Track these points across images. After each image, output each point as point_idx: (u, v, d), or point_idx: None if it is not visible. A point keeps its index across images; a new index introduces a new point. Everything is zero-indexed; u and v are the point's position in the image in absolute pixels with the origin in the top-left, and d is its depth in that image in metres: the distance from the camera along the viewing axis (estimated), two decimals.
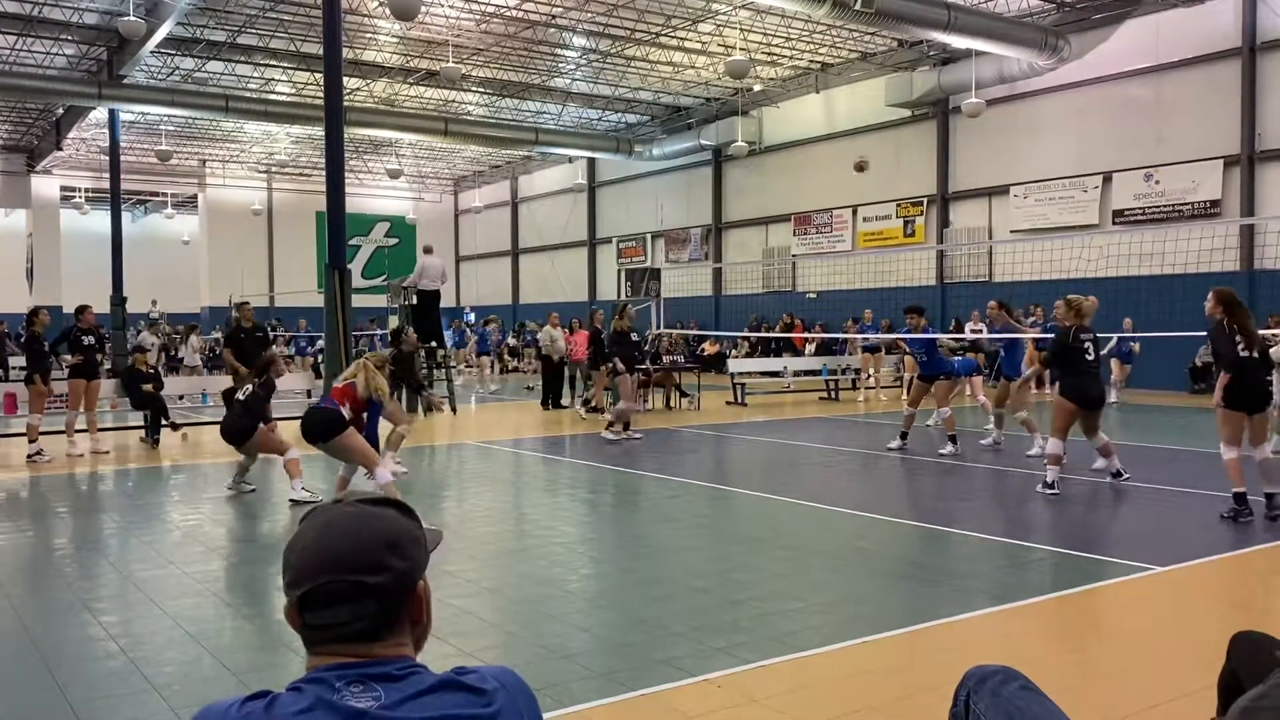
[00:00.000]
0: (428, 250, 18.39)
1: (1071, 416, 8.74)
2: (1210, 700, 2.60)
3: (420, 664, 1.34)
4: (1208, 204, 19.50)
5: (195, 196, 40.71)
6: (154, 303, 35.71)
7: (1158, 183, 20.29)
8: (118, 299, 27.46)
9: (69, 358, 12.50)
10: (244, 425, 9.06)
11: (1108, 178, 21.09)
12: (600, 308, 15.63)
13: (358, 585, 1.29)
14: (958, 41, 19.69)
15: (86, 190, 38.55)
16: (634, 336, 14.09)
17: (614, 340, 13.76)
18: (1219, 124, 19.31)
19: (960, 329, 21.89)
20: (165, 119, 30.47)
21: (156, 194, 41.67)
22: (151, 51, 22.73)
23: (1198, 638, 4.73)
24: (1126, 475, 9.15)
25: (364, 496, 1.40)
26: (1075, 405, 8.70)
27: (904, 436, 12.06)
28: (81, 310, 12.98)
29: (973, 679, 2.19)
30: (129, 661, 4.65)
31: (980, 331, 20.58)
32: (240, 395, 9.33)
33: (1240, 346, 7.49)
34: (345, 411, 8.26)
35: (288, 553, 1.35)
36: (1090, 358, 8.73)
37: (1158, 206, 20.27)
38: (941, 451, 11.56)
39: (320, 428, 8.17)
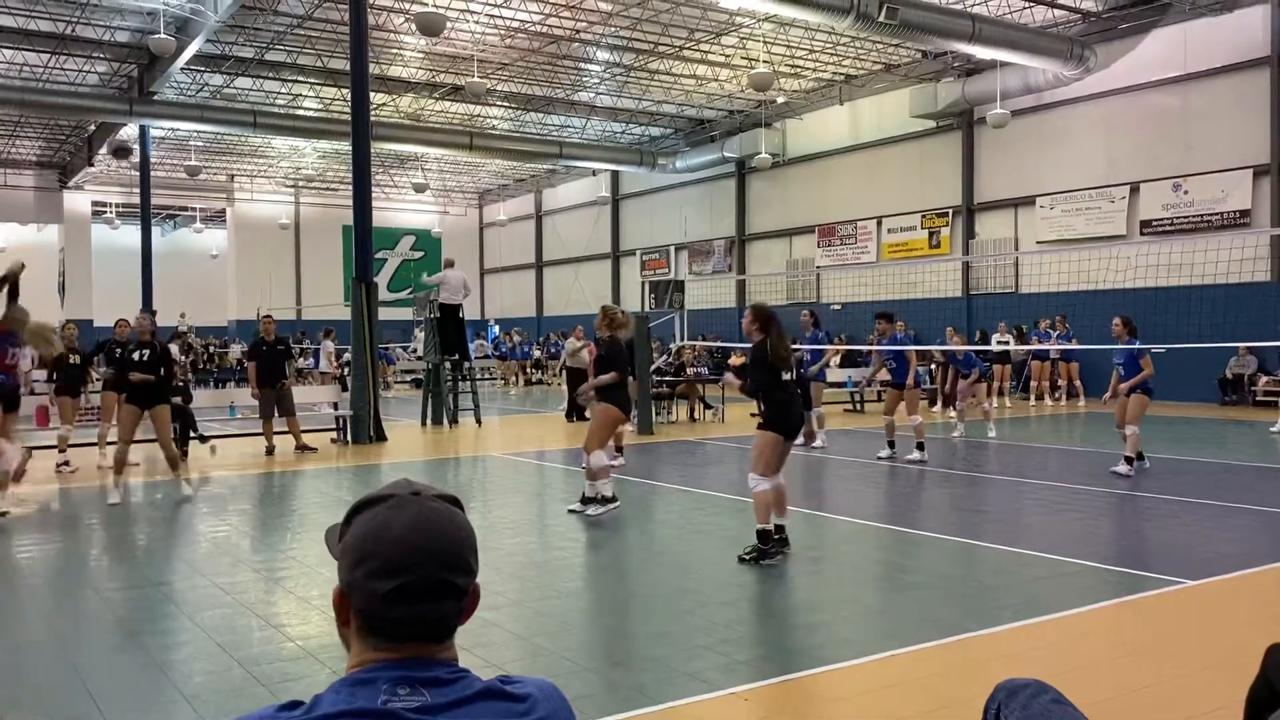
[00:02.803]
0: (449, 264, 18.50)
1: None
2: (1239, 716, 2.57)
3: (468, 670, 1.34)
4: (1237, 214, 19.30)
5: (224, 211, 41.19)
6: (183, 315, 36.09)
7: (1186, 193, 20.11)
8: (148, 312, 27.81)
9: (103, 370, 12.67)
10: None
11: (1135, 188, 20.93)
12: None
13: (449, 584, 1.30)
14: (982, 52, 19.62)
15: (117, 205, 39.08)
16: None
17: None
18: (1248, 133, 19.13)
19: (986, 339, 21.79)
20: (194, 135, 30.90)
21: (185, 209, 42.22)
22: (181, 69, 23.04)
23: (1231, 651, 4.67)
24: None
25: (437, 492, 1.38)
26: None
27: (920, 447, 12.02)
28: (118, 324, 13.15)
29: (1003, 692, 2.18)
30: (159, 672, 4.70)
31: (1007, 342, 20.50)
32: None
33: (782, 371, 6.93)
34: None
35: (370, 541, 1.30)
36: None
37: (1186, 217, 20.09)
38: (908, 458, 11.70)
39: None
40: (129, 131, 28.88)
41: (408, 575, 1.28)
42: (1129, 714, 3.99)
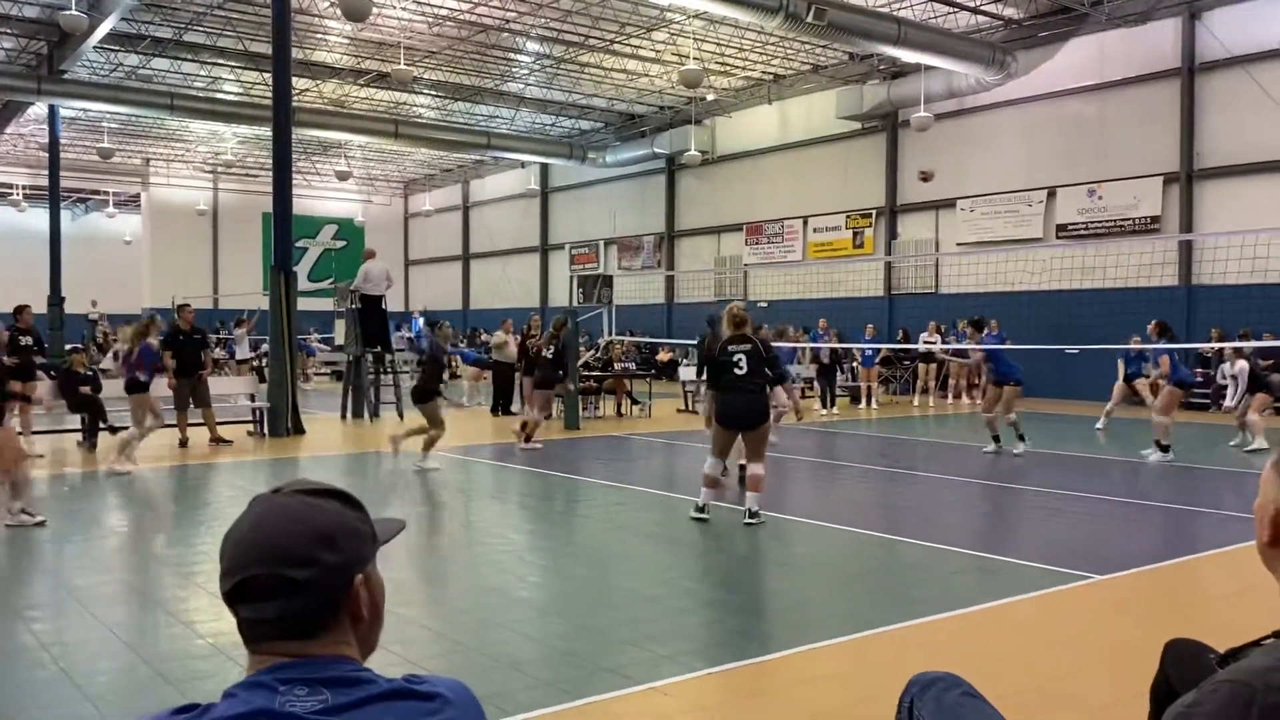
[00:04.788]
0: (370, 255, 18.20)
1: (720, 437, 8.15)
2: (1146, 706, 2.65)
3: (369, 669, 1.30)
4: (1148, 220, 19.95)
5: (138, 195, 39.96)
6: (94, 303, 34.97)
7: (1100, 198, 20.72)
8: (55, 299, 26.88)
9: (5, 359, 12.18)
10: None
11: (1052, 193, 21.50)
12: (537, 313, 15.91)
13: (285, 579, 1.24)
14: (907, 56, 19.96)
15: (24, 187, 37.65)
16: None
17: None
18: (1159, 142, 19.78)
19: (909, 339, 22.20)
20: (107, 116, 29.86)
21: (98, 192, 40.84)
22: (94, 47, 22.28)
23: (1134, 645, 4.81)
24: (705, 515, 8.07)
25: (306, 486, 1.34)
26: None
27: (1022, 438, 12.31)
28: (19, 310, 12.68)
29: (916, 685, 2.21)
30: (60, 671, 4.53)
31: (934, 342, 20.91)
32: None
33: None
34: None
35: (223, 543, 1.30)
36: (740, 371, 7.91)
37: (1100, 222, 20.70)
38: (1015, 452, 12.06)
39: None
40: (37, 111, 27.84)
41: (240, 574, 1.25)
42: (1039, 707, 4.08)
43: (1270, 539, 1.47)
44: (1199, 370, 19.23)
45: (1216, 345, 15.32)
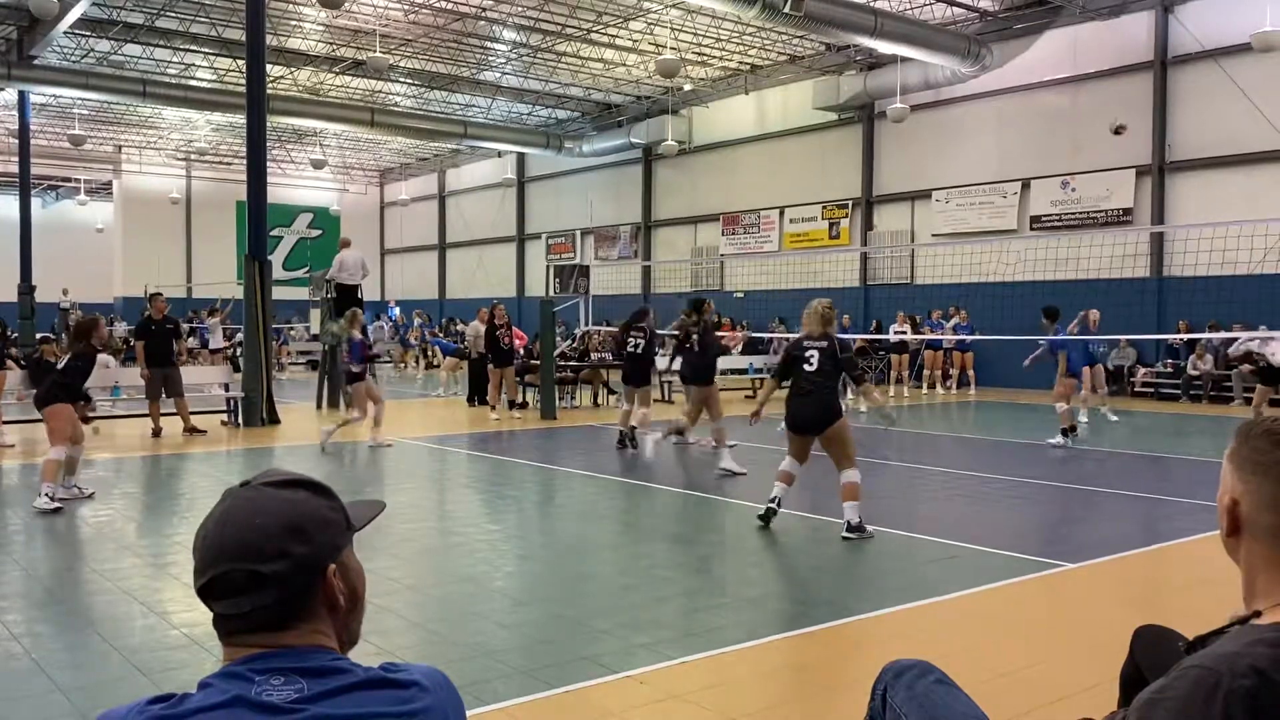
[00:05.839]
0: (345, 243, 18.06)
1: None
2: (1116, 692, 2.68)
3: (347, 659, 1.30)
4: (1120, 212, 20.12)
5: (110, 183, 39.48)
6: (65, 292, 34.53)
7: (1074, 190, 20.88)
8: (26, 287, 26.56)
9: None
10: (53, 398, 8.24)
11: (1026, 184, 21.63)
12: (500, 302, 15.93)
13: (253, 574, 1.24)
14: (884, 47, 20.02)
15: None
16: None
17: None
18: (1131, 134, 19.90)
19: (880, 329, 22.31)
20: (79, 102, 29.49)
21: (68, 179, 40.29)
22: (65, 32, 21.97)
23: (1105, 632, 4.87)
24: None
25: (274, 478, 1.34)
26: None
27: (1064, 433, 12.27)
28: None
29: (890, 673, 2.23)
30: (33, 662, 4.49)
31: (905, 333, 21.01)
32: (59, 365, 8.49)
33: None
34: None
35: (195, 538, 1.30)
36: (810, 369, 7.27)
37: (1073, 213, 20.87)
38: (1050, 441, 12.07)
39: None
40: (7, 97, 27.46)
41: (210, 572, 1.26)
42: (1011, 694, 4.13)
43: (1229, 529, 1.49)
44: (1169, 361, 19.45)
45: (1246, 336, 15.06)
